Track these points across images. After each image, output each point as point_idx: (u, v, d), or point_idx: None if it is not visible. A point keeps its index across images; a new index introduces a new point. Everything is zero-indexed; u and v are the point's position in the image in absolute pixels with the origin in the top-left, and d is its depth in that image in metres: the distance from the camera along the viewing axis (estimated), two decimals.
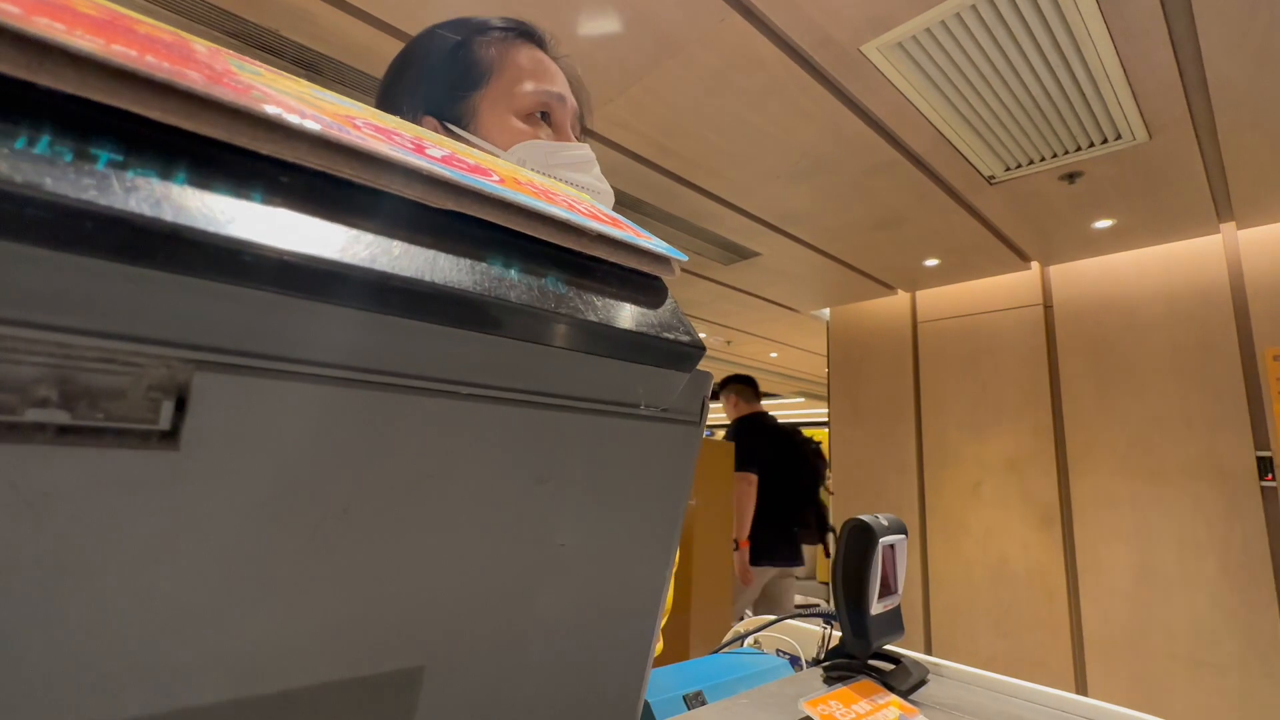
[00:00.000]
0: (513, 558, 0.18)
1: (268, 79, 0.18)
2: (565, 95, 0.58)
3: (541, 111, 0.56)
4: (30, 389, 0.11)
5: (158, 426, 0.12)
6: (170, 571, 0.13)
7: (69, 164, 0.11)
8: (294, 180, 0.14)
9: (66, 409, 0.11)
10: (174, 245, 0.11)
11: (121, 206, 0.11)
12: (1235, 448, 2.50)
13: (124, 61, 0.12)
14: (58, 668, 0.12)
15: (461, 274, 0.15)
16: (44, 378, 0.11)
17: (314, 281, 0.13)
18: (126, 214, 0.11)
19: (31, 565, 0.11)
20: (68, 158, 0.11)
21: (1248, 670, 2.39)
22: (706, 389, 0.22)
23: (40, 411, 0.11)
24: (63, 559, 0.11)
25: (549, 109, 0.56)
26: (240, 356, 0.12)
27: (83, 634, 0.12)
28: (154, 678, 0.13)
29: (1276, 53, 1.59)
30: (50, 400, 0.11)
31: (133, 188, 0.11)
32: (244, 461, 0.13)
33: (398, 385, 0.15)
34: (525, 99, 0.55)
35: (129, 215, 0.11)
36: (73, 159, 0.11)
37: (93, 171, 0.11)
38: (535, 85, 0.56)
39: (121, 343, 0.11)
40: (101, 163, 0.12)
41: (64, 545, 0.11)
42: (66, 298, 0.11)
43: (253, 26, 1.75)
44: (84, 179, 0.11)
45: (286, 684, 0.14)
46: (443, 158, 0.19)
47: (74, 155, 0.11)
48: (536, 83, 0.56)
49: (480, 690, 0.18)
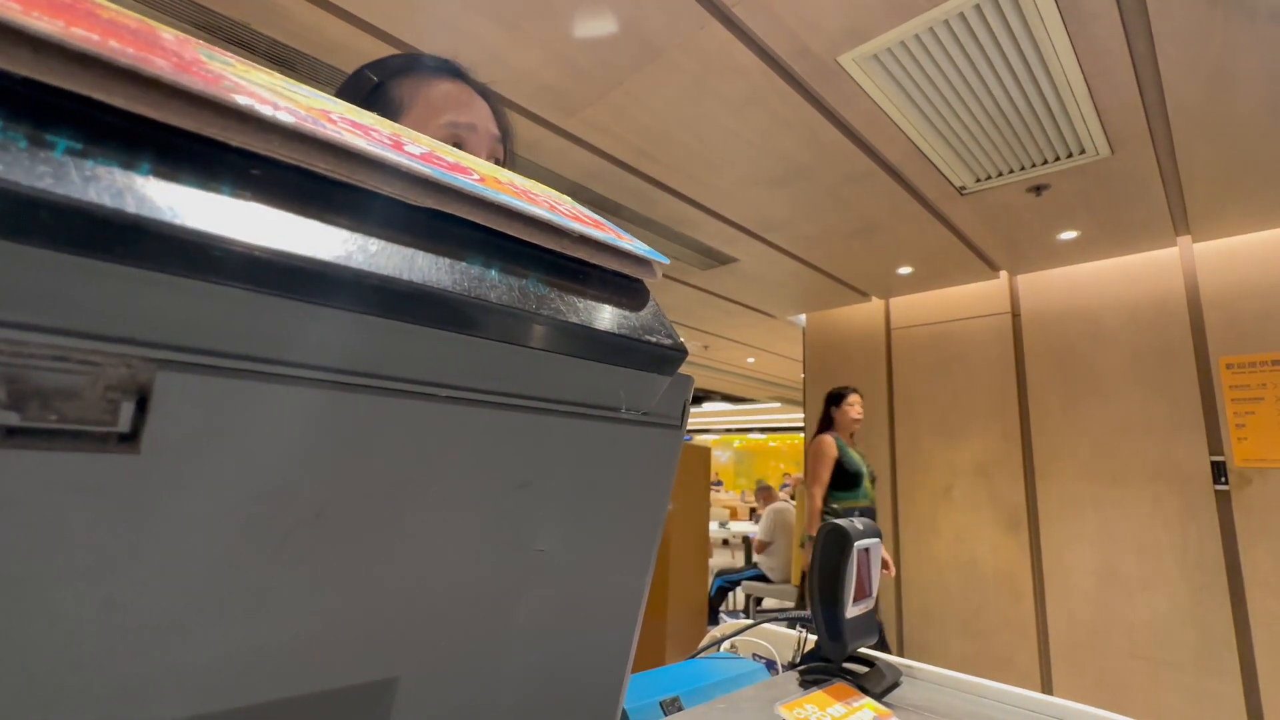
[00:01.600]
0: (491, 565, 0.18)
1: (239, 69, 0.17)
2: (477, 123, 0.58)
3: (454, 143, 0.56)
4: None
5: (116, 428, 0.11)
6: (129, 582, 0.12)
7: (23, 150, 0.10)
8: (266, 174, 0.13)
9: (16, 409, 0.10)
10: (137, 238, 0.11)
11: (80, 196, 0.10)
12: (1191, 452, 2.60)
13: (85, 45, 0.11)
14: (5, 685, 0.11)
15: (440, 273, 0.15)
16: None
17: (286, 278, 0.12)
18: (85, 204, 0.10)
19: None
20: (21, 144, 0.10)
21: (1203, 668, 2.47)
22: (688, 392, 0.22)
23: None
24: (11, 570, 0.11)
25: (460, 140, 0.57)
26: (206, 356, 0.12)
27: (33, 650, 0.11)
28: (110, 695, 0.12)
29: (1230, 75, 1.67)
30: (1, 401, 0.10)
31: (92, 177, 0.11)
32: (210, 466, 0.12)
33: (374, 387, 0.14)
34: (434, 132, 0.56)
35: (88, 205, 0.10)
36: (27, 145, 0.11)
37: (49, 159, 0.10)
38: (444, 118, 0.56)
39: (78, 340, 0.11)
40: (59, 150, 0.11)
41: (13, 555, 0.11)
42: (18, 291, 0.10)
43: (223, 19, 1.71)
44: (39, 166, 0.10)
45: (252, 699, 0.14)
46: (421, 155, 0.18)
47: (28, 142, 0.11)
48: (446, 115, 0.56)
49: (456, 701, 0.17)
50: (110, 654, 0.12)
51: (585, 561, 0.20)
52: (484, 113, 0.61)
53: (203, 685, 0.13)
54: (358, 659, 0.15)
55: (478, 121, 0.59)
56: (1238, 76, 1.68)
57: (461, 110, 0.58)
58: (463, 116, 0.58)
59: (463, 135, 0.57)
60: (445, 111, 0.57)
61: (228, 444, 0.13)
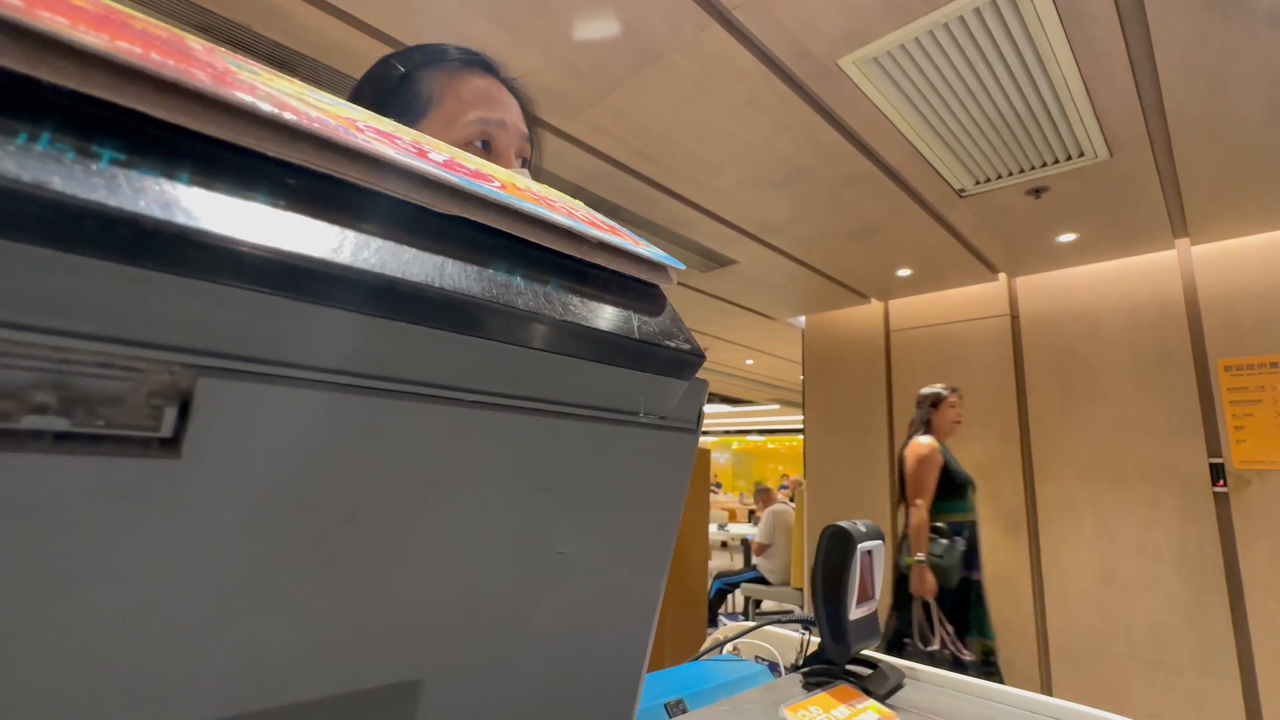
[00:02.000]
0: (513, 568, 0.18)
1: (265, 78, 0.17)
2: (507, 120, 0.58)
3: (483, 140, 0.56)
4: (27, 395, 0.10)
5: (159, 434, 0.11)
6: (168, 585, 0.12)
7: (72, 162, 0.11)
8: (300, 183, 0.14)
9: (64, 415, 0.11)
10: (182, 247, 0.11)
11: (132, 208, 0.10)
12: (1190, 454, 2.61)
13: (130, 58, 0.11)
14: (50, 685, 0.11)
15: (469, 280, 0.15)
16: (41, 383, 0.10)
17: (323, 285, 0.13)
18: (137, 215, 0.10)
19: (24, 579, 0.11)
20: (70, 155, 0.11)
21: (1202, 670, 2.48)
22: (703, 396, 0.23)
23: (37, 418, 0.10)
24: (56, 573, 0.11)
25: (489, 137, 0.56)
26: (246, 362, 0.12)
27: (76, 650, 0.11)
28: (149, 694, 0.12)
29: (1228, 78, 1.67)
30: (48, 406, 0.10)
31: (140, 188, 0.11)
32: (247, 470, 0.13)
33: (404, 392, 0.15)
34: (463, 129, 0.55)
35: (138, 216, 0.10)
36: (75, 157, 0.11)
37: (98, 171, 0.11)
38: (474, 114, 0.56)
39: (123, 347, 0.11)
40: (104, 161, 0.11)
41: (58, 558, 0.11)
42: (68, 300, 0.10)
43: (223, 21, 1.71)
44: (92, 178, 0.10)
45: (285, 700, 0.14)
46: (444, 162, 0.19)
47: (75, 153, 0.11)
48: (476, 111, 0.56)
49: (478, 702, 0.18)
50: (150, 656, 0.12)
51: (604, 563, 0.20)
52: (514, 110, 0.60)
53: (237, 686, 0.13)
54: (385, 661, 0.16)
55: (507, 118, 0.58)
56: (1236, 79, 1.69)
57: (493, 107, 0.57)
58: (493, 113, 0.57)
59: (493, 132, 0.56)
60: (475, 107, 0.56)
61: (264, 448, 0.13)
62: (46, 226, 0.10)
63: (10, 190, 0.09)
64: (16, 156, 0.10)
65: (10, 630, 0.11)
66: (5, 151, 0.10)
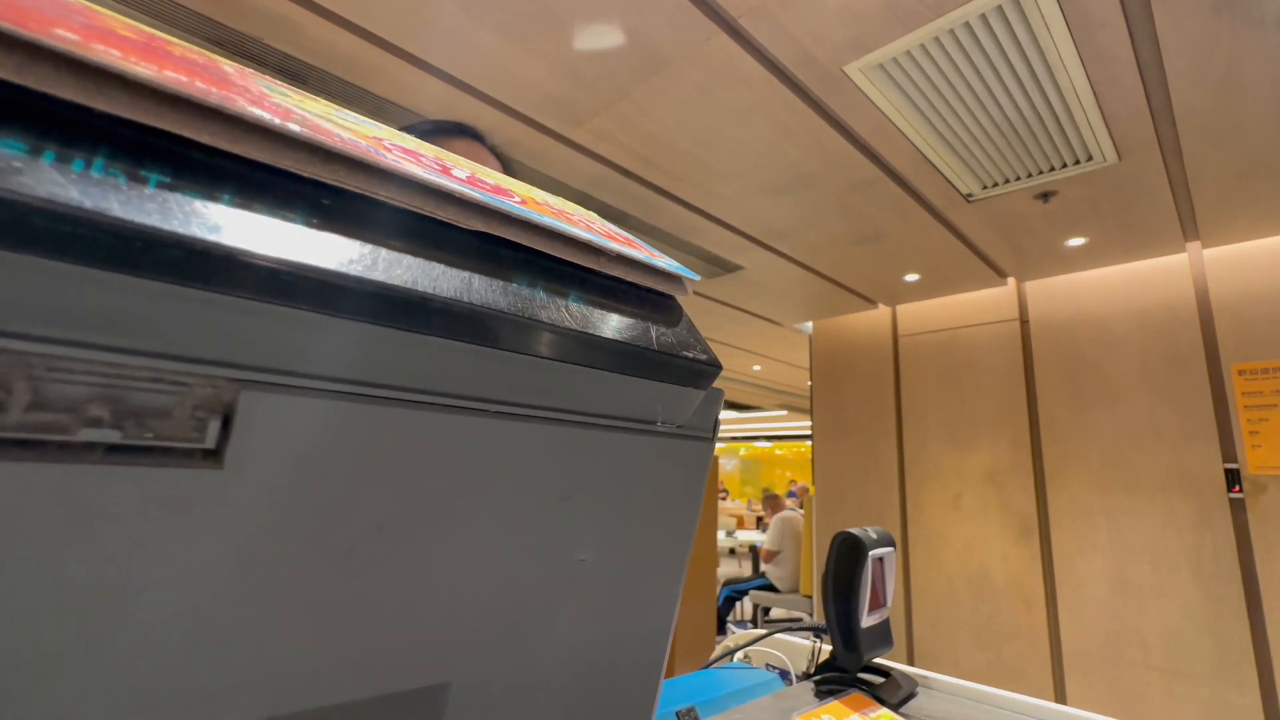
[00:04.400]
0: (536, 574, 0.18)
1: (296, 100, 0.18)
2: None
3: None
4: (83, 409, 0.11)
5: (203, 445, 0.12)
6: (211, 591, 0.13)
7: (123, 187, 0.11)
8: (334, 203, 0.14)
9: (117, 428, 0.11)
10: (227, 267, 0.11)
11: (184, 230, 0.11)
12: (1204, 460, 2.58)
13: (179, 88, 0.12)
14: (103, 685, 0.12)
15: (495, 294, 0.16)
16: (96, 397, 0.11)
17: (358, 302, 0.13)
18: (188, 238, 0.11)
19: (79, 585, 0.11)
20: (121, 180, 0.11)
21: (1220, 680, 2.44)
22: (719, 405, 0.23)
23: (93, 431, 0.11)
24: (110, 578, 0.11)
25: None
26: (284, 375, 0.13)
27: (126, 653, 0.12)
28: (195, 695, 0.13)
29: (1238, 81, 1.67)
30: (102, 420, 0.11)
31: (191, 211, 0.11)
32: (285, 480, 0.13)
33: (432, 404, 0.15)
34: None
35: (189, 239, 0.11)
36: (126, 182, 0.11)
37: (150, 195, 0.11)
38: None
39: (170, 362, 0.11)
40: (152, 184, 0.12)
41: (111, 564, 0.11)
42: (120, 318, 0.11)
43: (235, 34, 1.74)
44: (147, 203, 0.11)
45: (318, 702, 0.14)
46: (466, 179, 0.19)
47: (126, 178, 0.11)
48: None
49: (502, 706, 0.18)
50: (191, 659, 0.13)
51: (623, 570, 0.20)
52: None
53: (274, 689, 0.14)
54: (414, 665, 0.16)
55: None
56: (1246, 82, 1.68)
57: None
58: None
59: None
60: None
61: (301, 459, 0.13)
62: (104, 249, 0.10)
63: (74, 216, 0.10)
64: (79, 184, 0.10)
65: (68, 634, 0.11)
66: (67, 179, 0.10)
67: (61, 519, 0.11)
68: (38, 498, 0.11)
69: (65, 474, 0.11)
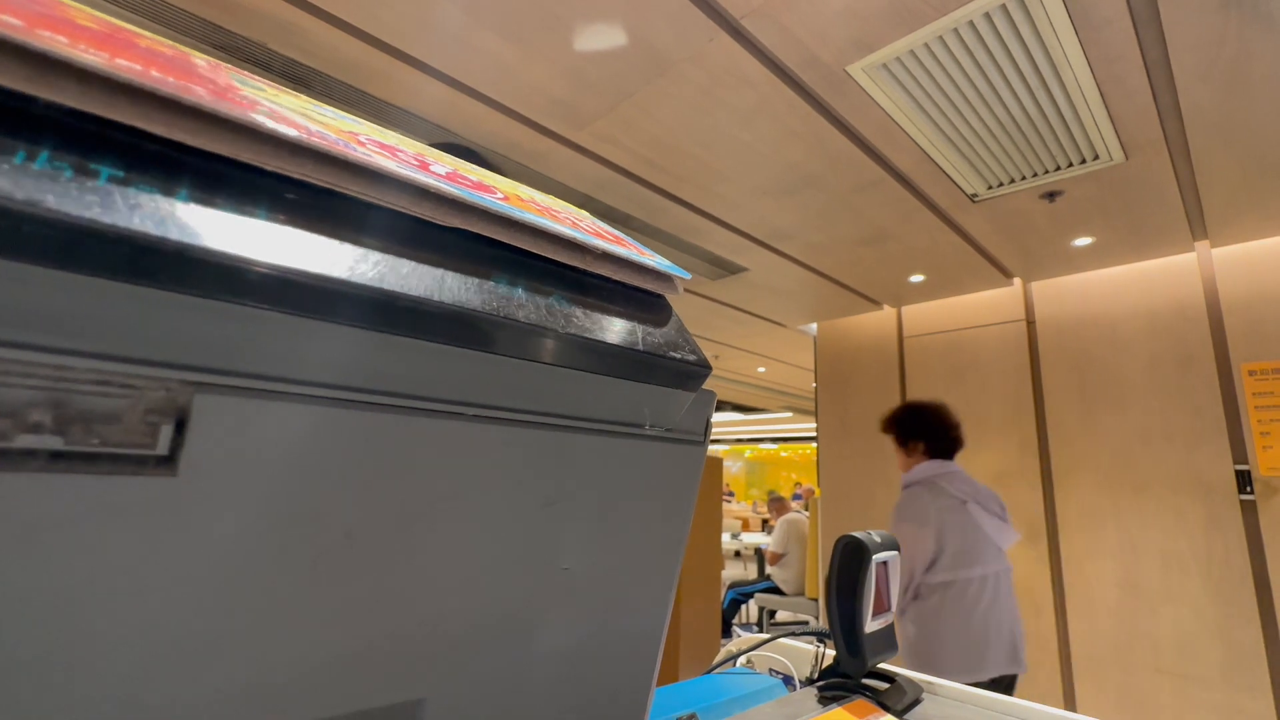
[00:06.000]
0: (517, 584, 0.17)
1: (270, 94, 0.18)
2: None
3: None
4: (23, 413, 0.10)
5: (155, 451, 0.11)
6: (165, 604, 0.12)
7: (69, 180, 0.11)
8: (300, 197, 0.14)
9: (60, 434, 0.10)
10: (179, 264, 0.11)
11: (126, 224, 0.10)
12: (1214, 461, 2.54)
13: (129, 76, 0.11)
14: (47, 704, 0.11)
15: (470, 293, 0.15)
16: (37, 401, 0.10)
17: (321, 300, 0.12)
18: (132, 232, 0.10)
19: (21, 598, 0.10)
20: (68, 173, 0.11)
21: (1231, 684, 2.40)
22: (710, 407, 0.22)
23: (32, 437, 0.10)
24: (54, 591, 0.11)
25: None
26: (242, 378, 0.12)
27: (73, 669, 0.11)
28: (144, 715, 0.12)
29: (1246, 79, 1.65)
30: (43, 425, 0.10)
31: (136, 205, 0.11)
32: (244, 486, 0.12)
33: (404, 407, 0.14)
34: None
35: (134, 234, 0.10)
36: (73, 175, 0.11)
37: (95, 188, 0.11)
38: None
39: (119, 365, 0.11)
40: (102, 178, 0.11)
41: (56, 576, 0.11)
42: (64, 318, 0.10)
43: (240, 40, 1.74)
44: (87, 196, 0.10)
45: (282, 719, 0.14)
46: (447, 174, 0.19)
47: (74, 171, 0.11)
48: None
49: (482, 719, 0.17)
50: (146, 674, 0.12)
51: (611, 578, 0.20)
52: None
53: (236, 707, 0.13)
54: (385, 680, 0.15)
55: None
56: (1254, 80, 1.66)
57: None
58: None
59: None
60: None
61: (261, 465, 0.13)
62: (43, 245, 0.10)
63: (7, 210, 0.09)
64: (15, 175, 0.10)
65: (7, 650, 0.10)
66: (4, 170, 0.10)
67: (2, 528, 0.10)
68: None
69: (4, 483, 0.10)
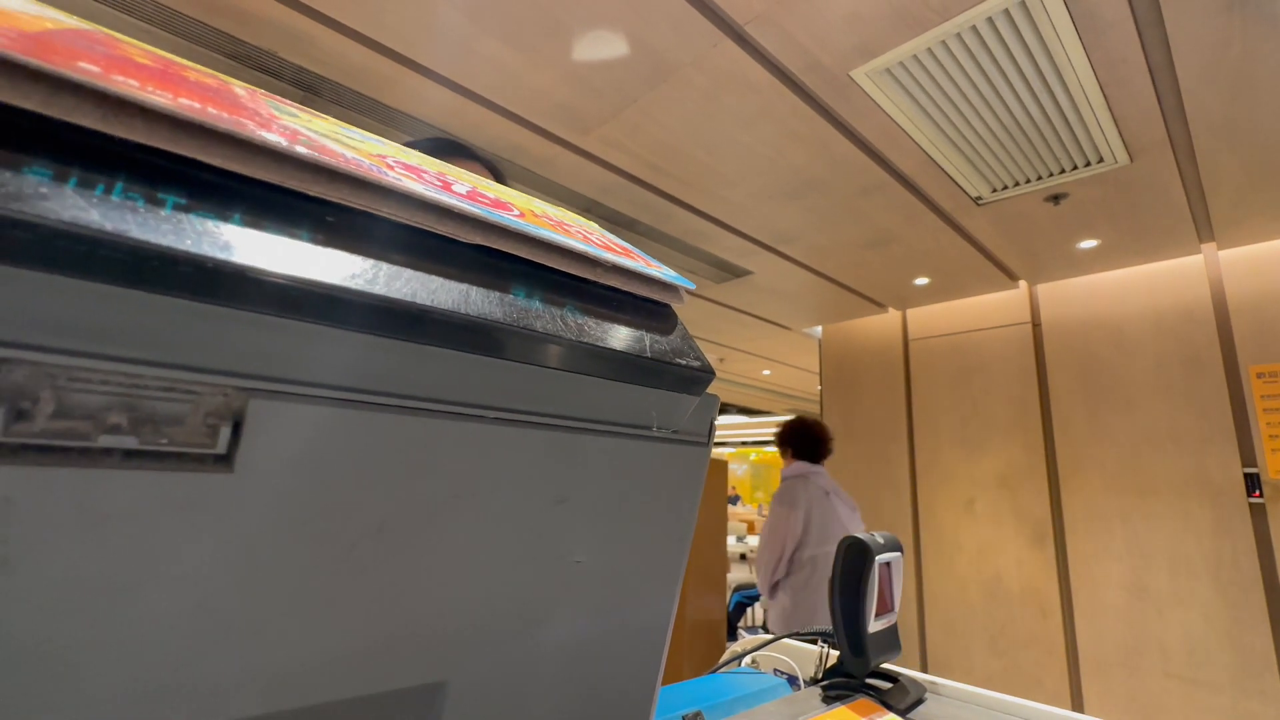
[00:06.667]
0: (533, 576, 0.19)
1: (304, 120, 0.19)
2: None
3: None
4: (102, 416, 0.11)
5: (214, 450, 0.13)
6: (219, 589, 0.13)
7: (143, 209, 0.12)
8: (338, 219, 0.15)
9: (134, 434, 0.12)
10: (238, 283, 0.12)
11: (196, 249, 0.12)
12: (1223, 464, 2.53)
13: (192, 114, 0.13)
14: (114, 677, 0.12)
15: (492, 305, 0.16)
16: (114, 406, 0.12)
17: (361, 314, 0.14)
18: (201, 256, 0.12)
19: (94, 583, 0.12)
20: (140, 203, 0.12)
21: (1242, 689, 2.39)
22: (714, 411, 0.23)
23: (110, 437, 0.12)
24: (121, 577, 0.12)
25: None
26: (290, 384, 0.13)
27: (137, 647, 0.13)
28: (197, 691, 0.13)
29: (1251, 81, 1.65)
30: (120, 427, 0.12)
31: (203, 231, 0.12)
32: (291, 482, 0.14)
33: (430, 410, 0.16)
34: None
35: (203, 257, 0.12)
36: (144, 204, 0.12)
37: (165, 216, 0.12)
38: None
39: (184, 373, 0.12)
40: (169, 207, 0.12)
41: (125, 563, 0.12)
42: (137, 332, 0.12)
43: (252, 49, 1.77)
44: (162, 224, 0.12)
45: (319, 698, 0.15)
46: (466, 193, 0.20)
47: (145, 201, 0.12)
48: None
49: (498, 706, 0.18)
50: (201, 655, 0.13)
51: (619, 572, 0.21)
52: None
53: (277, 685, 0.14)
54: (411, 663, 0.17)
55: None
56: (1259, 82, 1.66)
57: None
58: None
59: None
60: None
61: (306, 463, 0.14)
62: (123, 268, 0.11)
63: (94, 238, 0.11)
64: (101, 207, 0.11)
65: (83, 631, 0.12)
66: (89, 203, 0.11)
67: (79, 520, 0.11)
68: (58, 500, 0.12)
69: (84, 478, 0.11)
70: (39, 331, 0.11)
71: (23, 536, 0.11)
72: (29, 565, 0.11)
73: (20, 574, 0.11)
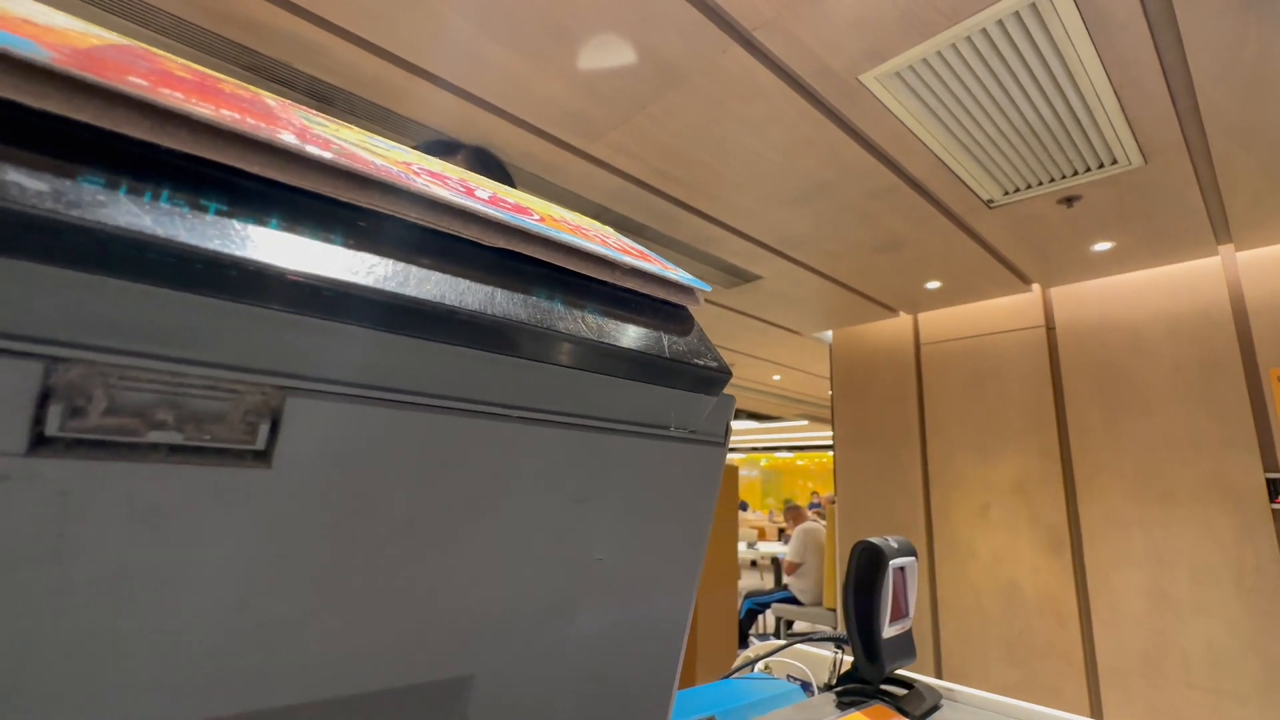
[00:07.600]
0: (555, 572, 0.19)
1: (333, 130, 0.19)
2: None
3: None
4: (150, 413, 0.12)
5: (253, 446, 0.13)
6: (256, 581, 0.14)
7: (189, 215, 0.12)
8: (369, 224, 0.15)
9: (179, 430, 0.12)
10: (278, 285, 0.13)
11: (241, 253, 0.12)
12: (1244, 469, 2.49)
13: (234, 125, 0.13)
14: (159, 669, 0.13)
15: (516, 306, 0.17)
16: (161, 403, 0.12)
17: (392, 315, 0.14)
18: (245, 259, 0.12)
19: (140, 574, 0.12)
20: (185, 209, 0.13)
21: (1268, 700, 2.33)
22: (730, 411, 0.24)
23: (158, 433, 0.12)
24: (166, 569, 0.13)
25: None
26: (325, 383, 0.14)
27: (178, 637, 0.13)
28: (236, 677, 0.14)
29: (1266, 82, 1.63)
30: (166, 423, 0.12)
31: (246, 236, 0.13)
32: (326, 478, 0.14)
33: (455, 409, 0.16)
34: None
35: (246, 260, 0.12)
36: (189, 210, 0.13)
37: (209, 221, 0.13)
38: None
39: (226, 372, 0.13)
40: (211, 212, 0.13)
41: (166, 555, 0.13)
42: (182, 332, 0.12)
43: (266, 60, 1.80)
44: (208, 229, 0.12)
45: (351, 689, 0.15)
46: (489, 198, 0.20)
47: (189, 207, 0.13)
48: None
49: (523, 700, 0.19)
50: (237, 644, 0.14)
51: (639, 570, 0.21)
52: None
53: (312, 676, 0.15)
54: (440, 656, 0.17)
55: None
56: (1275, 82, 1.64)
57: None
58: None
59: None
60: None
61: (340, 459, 0.14)
62: (173, 271, 0.12)
63: (147, 243, 0.11)
64: (151, 214, 0.12)
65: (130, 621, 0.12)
66: (141, 210, 0.11)
67: (128, 512, 0.12)
68: (108, 493, 0.12)
69: (131, 472, 0.12)
70: (93, 332, 0.11)
71: (75, 529, 0.12)
72: (80, 557, 0.12)
73: (72, 565, 0.12)
